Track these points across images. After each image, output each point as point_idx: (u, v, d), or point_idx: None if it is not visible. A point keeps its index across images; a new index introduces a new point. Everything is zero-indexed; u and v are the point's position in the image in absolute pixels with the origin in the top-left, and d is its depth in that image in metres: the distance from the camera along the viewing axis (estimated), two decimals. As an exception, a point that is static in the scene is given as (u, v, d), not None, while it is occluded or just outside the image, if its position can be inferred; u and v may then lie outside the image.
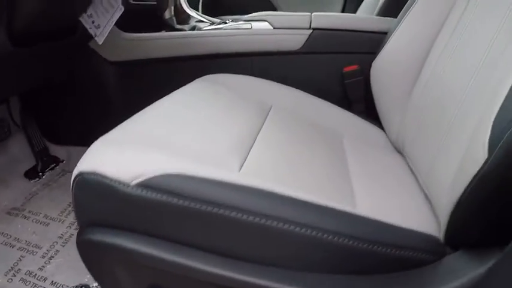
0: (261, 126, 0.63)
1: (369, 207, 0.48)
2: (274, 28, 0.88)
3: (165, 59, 0.93)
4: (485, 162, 0.34)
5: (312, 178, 0.50)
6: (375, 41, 0.83)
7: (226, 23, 0.95)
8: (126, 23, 0.93)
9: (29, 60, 0.81)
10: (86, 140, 1.09)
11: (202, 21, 1.09)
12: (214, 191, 0.40)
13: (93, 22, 0.85)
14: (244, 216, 0.39)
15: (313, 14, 0.88)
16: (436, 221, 0.49)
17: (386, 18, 0.89)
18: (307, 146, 0.61)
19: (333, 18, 0.88)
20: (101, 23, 0.84)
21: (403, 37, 0.74)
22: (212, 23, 1.04)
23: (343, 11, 1.49)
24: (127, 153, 0.45)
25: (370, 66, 0.79)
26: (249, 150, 0.52)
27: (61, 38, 0.84)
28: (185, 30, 0.95)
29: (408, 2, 0.76)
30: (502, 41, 0.48)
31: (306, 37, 0.87)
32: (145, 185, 0.41)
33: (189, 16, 1.11)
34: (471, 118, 0.46)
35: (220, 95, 0.71)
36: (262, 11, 1.54)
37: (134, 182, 0.42)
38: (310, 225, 0.39)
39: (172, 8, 0.97)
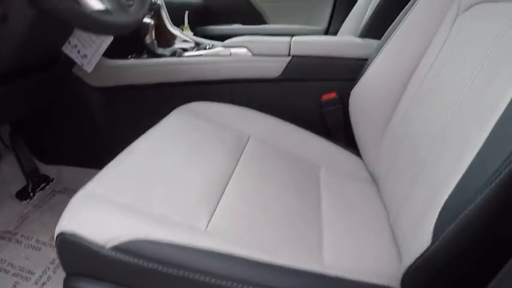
0: (235, 166, 0.65)
1: (333, 260, 0.51)
2: (253, 55, 0.90)
3: (146, 86, 0.95)
4: (429, 248, 0.37)
5: (279, 234, 0.53)
6: (354, 68, 0.83)
7: (206, 48, 0.96)
8: (108, 48, 0.95)
9: (14, 94, 0.82)
10: (75, 160, 1.14)
11: (186, 40, 1.10)
12: (178, 254, 0.44)
13: (78, 52, 0.86)
14: (206, 278, 0.43)
15: (293, 39, 0.89)
16: (399, 263, 0.52)
17: (367, 43, 0.90)
18: (281, 190, 0.63)
19: (312, 44, 0.89)
20: (88, 52, 0.85)
21: (383, 65, 0.74)
22: (196, 44, 1.05)
23: (330, 22, 1.49)
24: (103, 214, 0.49)
25: (349, 93, 0.81)
26: (218, 201, 0.55)
27: (44, 70, 0.85)
28: (166, 56, 0.96)
29: (389, 29, 0.76)
30: (480, 81, 0.48)
31: (285, 64, 0.88)
32: (118, 248, 0.45)
33: (172, 35, 1.12)
34: (441, 164, 0.47)
35: (197, 131, 0.73)
36: (251, 20, 1.55)
37: (109, 245, 0.45)
38: (263, 285, 0.43)
39: (153, 32, 0.98)
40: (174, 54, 0.97)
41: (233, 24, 1.55)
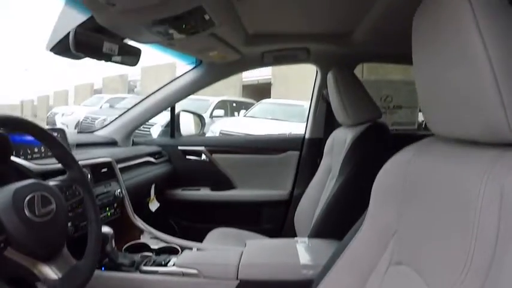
0: None
1: None
2: (204, 277, 0.94)
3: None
4: None
5: None
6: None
7: (162, 264, 1.00)
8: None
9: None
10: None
11: (156, 237, 1.16)
12: None
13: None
14: None
15: (240, 262, 0.95)
16: None
17: (311, 263, 0.95)
18: None
19: (259, 268, 0.95)
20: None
21: None
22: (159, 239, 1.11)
23: (294, 186, 1.61)
24: None
25: None
26: None
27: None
28: (125, 265, 1.00)
29: (329, 260, 0.80)
30: None
31: (233, 287, 0.92)
32: None
33: (137, 228, 1.18)
34: None
35: None
36: (219, 184, 1.64)
37: None
38: None
39: (113, 241, 1.02)
40: (133, 264, 1.01)
41: (201, 188, 1.65)
